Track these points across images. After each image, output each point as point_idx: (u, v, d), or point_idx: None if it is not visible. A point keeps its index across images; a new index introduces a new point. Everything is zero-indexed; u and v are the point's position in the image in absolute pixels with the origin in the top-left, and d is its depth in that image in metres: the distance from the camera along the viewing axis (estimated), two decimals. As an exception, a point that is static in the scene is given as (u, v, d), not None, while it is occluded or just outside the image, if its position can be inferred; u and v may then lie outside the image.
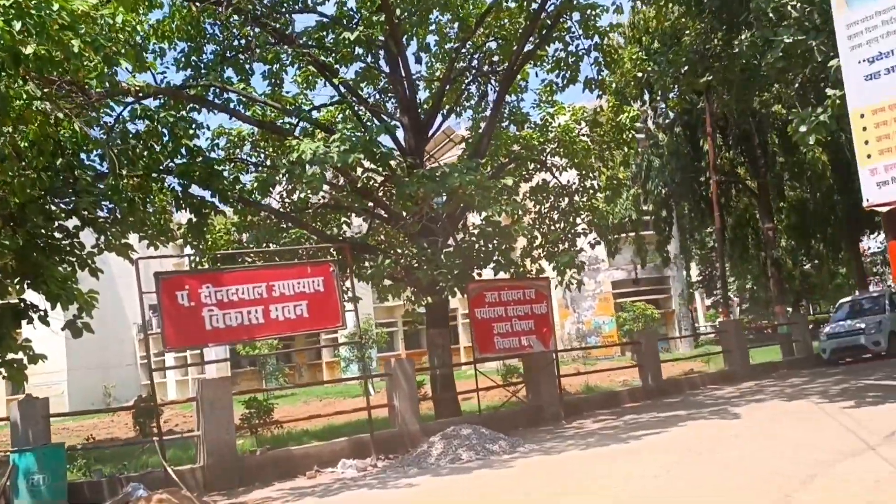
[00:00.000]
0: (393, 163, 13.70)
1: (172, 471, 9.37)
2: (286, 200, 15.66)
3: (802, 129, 10.28)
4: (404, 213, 13.57)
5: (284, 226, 14.53)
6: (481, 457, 10.02)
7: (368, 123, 14.37)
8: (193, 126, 12.52)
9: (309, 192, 11.47)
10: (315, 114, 15.16)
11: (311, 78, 15.90)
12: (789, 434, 9.28)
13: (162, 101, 12.87)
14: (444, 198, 12.84)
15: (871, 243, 36.51)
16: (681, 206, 23.19)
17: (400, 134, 14.91)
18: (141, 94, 10.82)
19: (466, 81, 17.08)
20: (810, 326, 22.38)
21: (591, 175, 18.12)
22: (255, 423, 13.30)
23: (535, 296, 14.02)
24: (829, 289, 43.50)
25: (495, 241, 13.83)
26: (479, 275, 14.41)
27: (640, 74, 18.80)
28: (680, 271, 42.77)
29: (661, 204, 23.06)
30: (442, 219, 13.42)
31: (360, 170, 13.77)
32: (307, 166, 10.31)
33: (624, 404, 15.56)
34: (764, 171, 22.14)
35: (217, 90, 13.72)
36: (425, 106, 15.69)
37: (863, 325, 19.46)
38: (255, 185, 12.67)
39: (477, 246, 13.63)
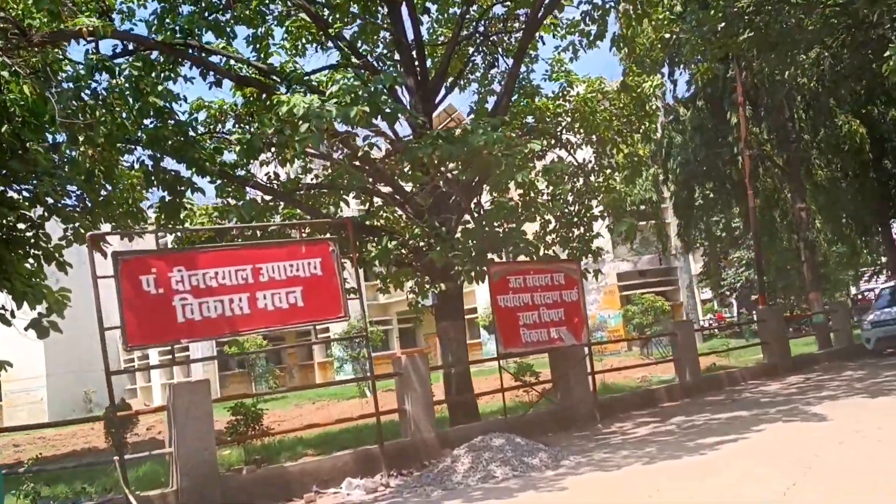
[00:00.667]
0: (399, 128, 11.85)
1: (136, 498, 7.47)
2: (275, 182, 13.71)
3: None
4: (412, 188, 11.72)
5: (273, 203, 12.60)
6: (519, 473, 8.15)
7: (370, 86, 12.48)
8: (163, 79, 10.59)
9: (301, 155, 9.55)
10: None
11: (301, 43, 14.01)
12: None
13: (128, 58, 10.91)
14: (460, 166, 10.98)
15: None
16: (703, 187, 21.41)
17: (404, 100, 13.02)
18: (95, 37, 8.84)
19: (472, 51, 15.33)
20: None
21: (608, 152, 16.47)
22: (242, 433, 11.37)
23: (564, 280, 12.18)
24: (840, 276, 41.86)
25: (512, 224, 12.02)
26: (500, 257, 12.53)
27: (667, 36, 17.00)
28: (687, 261, 41.15)
29: (683, 185, 21.28)
30: (458, 191, 11.56)
31: (360, 139, 11.89)
32: (300, 124, 8.42)
33: (662, 404, 13.76)
34: (795, 147, 20.37)
35: (195, 50, 11.75)
36: (431, 73, 13.84)
37: (913, 314, 17.75)
38: (239, 149, 10.69)
39: (487, 228, 11.76)
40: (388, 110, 9.40)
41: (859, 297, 53.46)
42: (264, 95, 11.80)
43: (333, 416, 14.33)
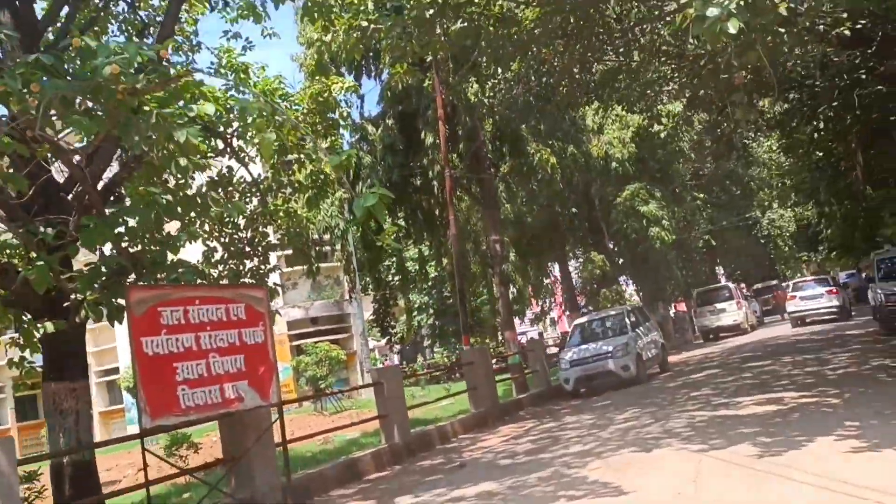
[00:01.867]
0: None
1: None
2: None
3: (712, 11, 6.25)
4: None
5: None
6: None
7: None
8: None
9: None
10: None
11: None
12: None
13: None
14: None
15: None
16: (394, 215, 19.02)
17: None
18: None
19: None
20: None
21: (286, 169, 13.42)
22: None
23: (245, 314, 8.31)
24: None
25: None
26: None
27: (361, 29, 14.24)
28: (361, 306, 39.05)
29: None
30: (77, 168, 7.20)
31: None
32: None
33: (370, 475, 10.45)
34: (489, 175, 19.00)
35: None
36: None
37: (610, 349, 16.89)
38: None
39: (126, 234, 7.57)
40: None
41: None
42: None
43: None
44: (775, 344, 21.18)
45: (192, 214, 9.25)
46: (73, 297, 7.43)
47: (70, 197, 8.37)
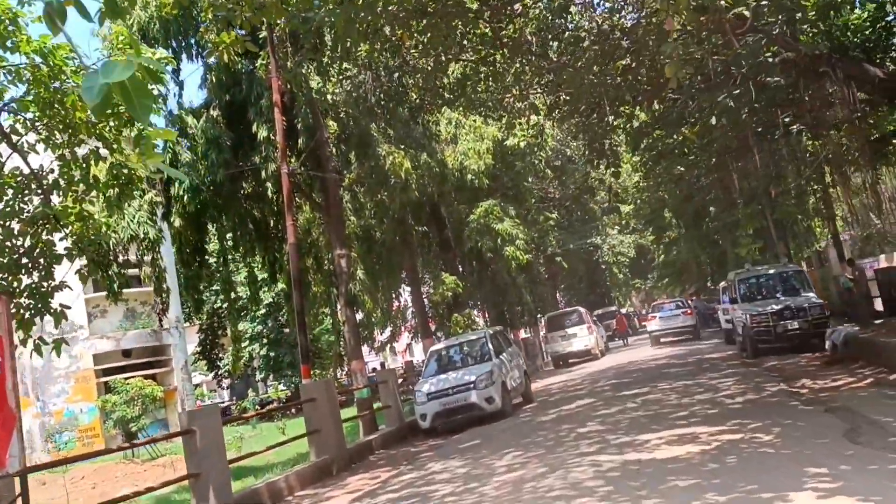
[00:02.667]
0: None
1: None
2: None
3: None
4: None
5: None
6: None
7: None
8: None
9: None
10: None
11: None
12: None
13: None
14: None
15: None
16: (221, 224, 15.90)
17: None
18: None
19: None
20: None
21: (77, 163, 10.93)
22: None
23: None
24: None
25: None
26: None
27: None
28: (184, 337, 34.80)
29: (191, 220, 15.40)
30: None
31: None
32: None
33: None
34: (334, 179, 16.41)
35: None
36: None
37: (472, 378, 14.71)
38: None
39: None
40: None
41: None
42: None
43: None
44: (637, 370, 19.98)
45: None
46: None
47: None
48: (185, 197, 15.06)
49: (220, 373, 43.28)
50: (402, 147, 17.58)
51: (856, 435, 7.14)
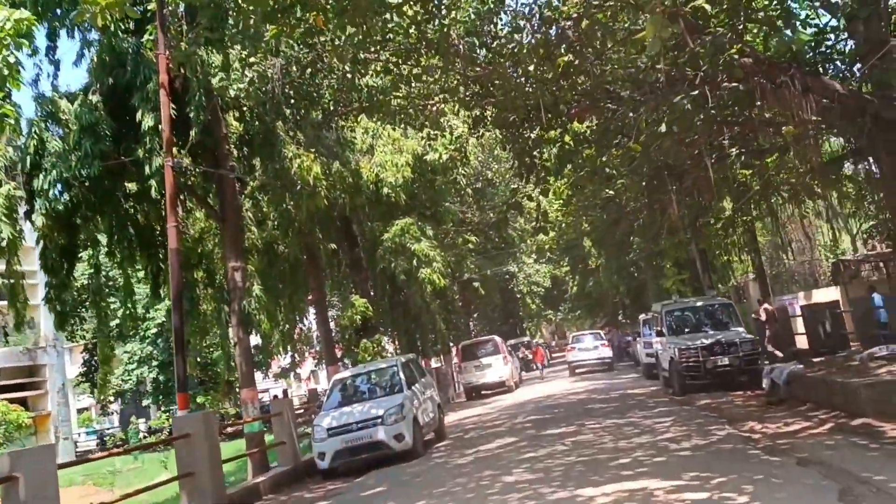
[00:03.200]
0: None
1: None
2: None
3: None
4: None
5: None
6: None
7: None
8: None
9: None
10: None
11: None
12: None
13: None
14: None
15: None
16: (90, 225, 13.60)
17: None
18: None
19: None
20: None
21: None
22: None
23: None
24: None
25: None
26: None
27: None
28: (62, 357, 31.53)
29: (60, 221, 13.13)
30: None
31: None
32: None
33: None
34: (237, 182, 14.43)
35: None
36: None
37: (380, 412, 12.92)
38: None
39: None
40: None
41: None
42: None
43: None
44: (558, 405, 18.62)
45: None
46: None
47: None
48: (52, 191, 12.79)
49: (103, 398, 39.69)
50: (313, 151, 15.78)
51: (853, 500, 5.81)
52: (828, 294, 24.96)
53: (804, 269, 43.45)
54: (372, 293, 26.92)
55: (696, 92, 9.19)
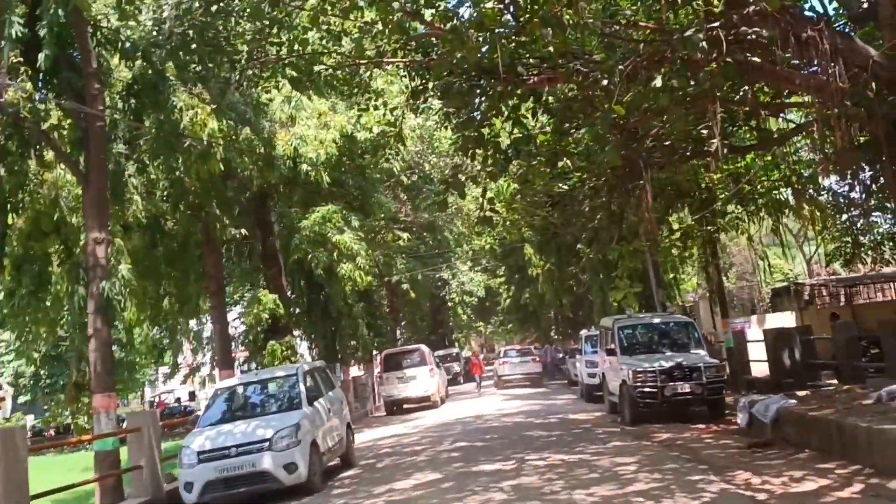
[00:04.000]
0: None
1: None
2: None
3: None
4: None
5: None
6: None
7: None
8: None
9: None
10: None
11: None
12: None
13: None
14: None
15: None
16: None
17: None
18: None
19: None
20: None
21: None
22: None
23: None
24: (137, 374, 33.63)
25: None
26: None
27: None
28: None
29: None
30: None
31: None
32: None
33: None
34: (107, 132, 11.41)
35: None
36: None
37: (268, 434, 10.08)
38: None
39: None
40: None
41: (158, 400, 46.18)
42: None
43: None
44: (490, 428, 16.08)
45: None
46: None
47: None
48: None
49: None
50: (214, 106, 12.86)
51: None
52: (783, 319, 23.28)
53: (744, 294, 42.34)
54: (291, 289, 24.00)
55: (717, 24, 6.77)
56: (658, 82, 7.58)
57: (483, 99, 11.99)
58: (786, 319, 23.09)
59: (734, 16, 7.43)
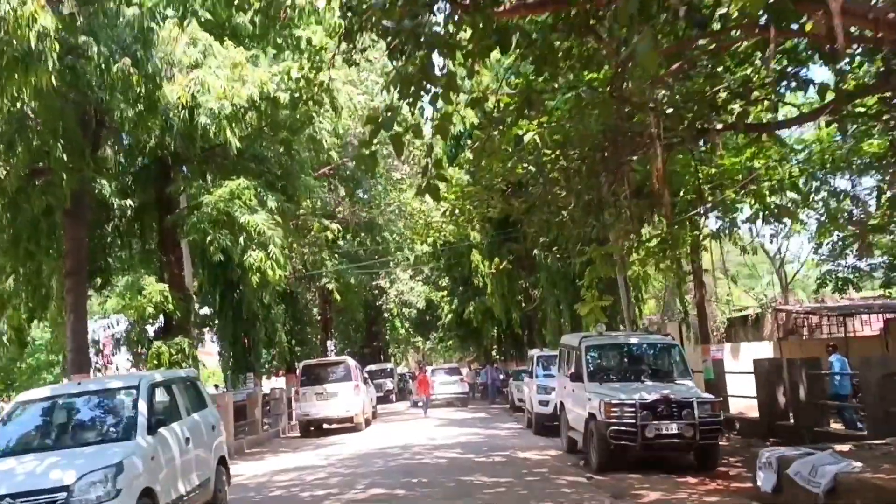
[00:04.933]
0: None
1: None
2: None
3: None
4: None
5: None
6: None
7: None
8: None
9: None
10: None
11: None
12: None
13: None
14: None
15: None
16: None
17: None
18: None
19: None
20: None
21: None
22: None
23: None
24: None
25: None
26: None
27: None
28: None
29: None
30: None
31: None
32: None
33: None
34: None
35: None
36: None
37: (69, 478, 6.46)
38: None
39: None
40: None
41: None
42: None
43: None
44: (417, 467, 12.66)
45: None
46: None
47: None
48: None
49: None
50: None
51: None
52: (760, 350, 20.52)
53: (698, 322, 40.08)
54: (196, 281, 20.25)
55: None
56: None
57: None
58: (763, 350, 20.37)
59: None
